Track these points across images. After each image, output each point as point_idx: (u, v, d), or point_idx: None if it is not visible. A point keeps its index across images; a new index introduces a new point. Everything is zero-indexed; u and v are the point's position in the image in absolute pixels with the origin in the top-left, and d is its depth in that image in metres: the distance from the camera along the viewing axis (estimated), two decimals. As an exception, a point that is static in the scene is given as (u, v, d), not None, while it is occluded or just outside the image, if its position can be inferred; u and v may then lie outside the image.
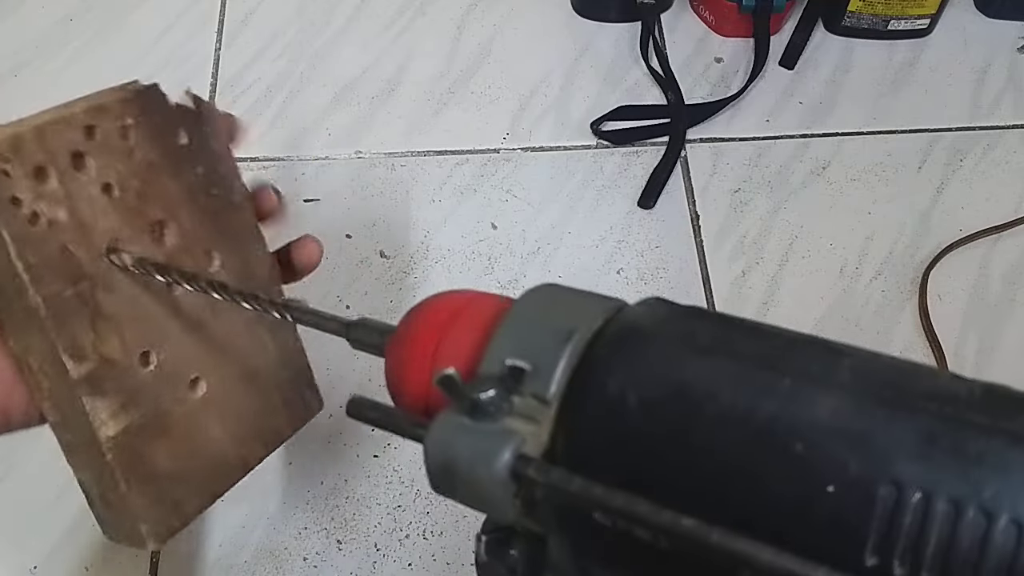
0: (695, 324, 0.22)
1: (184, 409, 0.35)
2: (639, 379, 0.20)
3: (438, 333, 0.25)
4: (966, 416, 0.18)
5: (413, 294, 0.61)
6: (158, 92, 0.34)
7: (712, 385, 0.20)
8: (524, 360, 0.21)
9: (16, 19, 0.75)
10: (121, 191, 0.32)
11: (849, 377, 0.19)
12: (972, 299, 0.61)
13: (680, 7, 0.77)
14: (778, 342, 0.21)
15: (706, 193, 0.66)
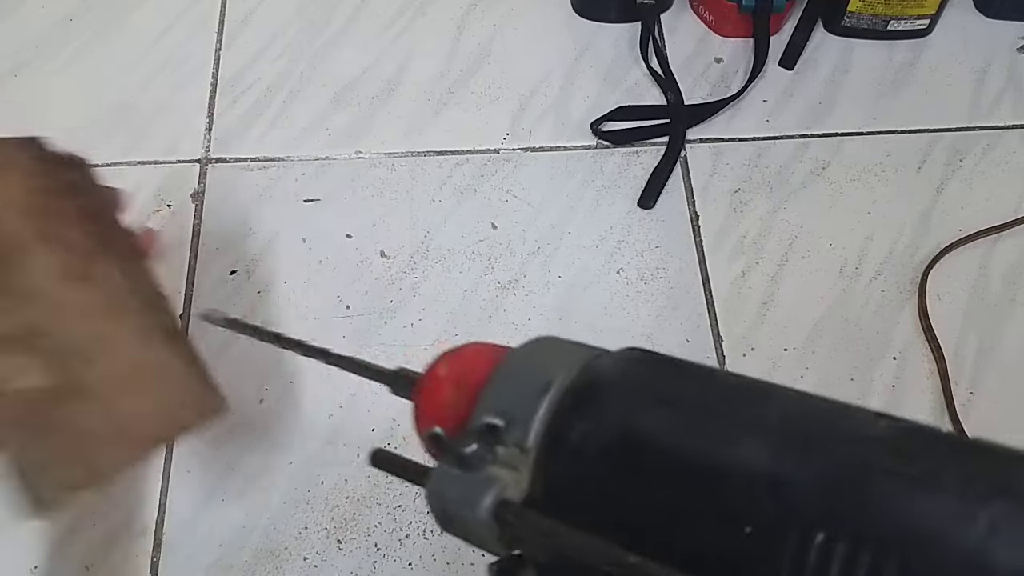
0: (651, 375, 0.25)
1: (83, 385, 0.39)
2: (596, 427, 0.23)
3: (447, 391, 0.28)
4: (873, 460, 0.19)
5: (413, 294, 0.61)
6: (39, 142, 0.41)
7: (655, 433, 0.22)
8: (507, 412, 0.24)
9: (16, 19, 0.75)
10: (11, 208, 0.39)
11: (776, 422, 0.21)
12: (972, 299, 0.61)
13: (680, 7, 0.77)
14: (721, 389, 0.24)
15: (706, 193, 0.66)
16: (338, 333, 0.59)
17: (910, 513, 0.18)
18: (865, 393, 0.57)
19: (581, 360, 0.25)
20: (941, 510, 0.18)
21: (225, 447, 0.55)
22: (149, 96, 0.71)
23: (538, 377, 0.25)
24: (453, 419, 0.27)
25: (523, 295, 0.61)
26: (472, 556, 0.52)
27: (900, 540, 0.18)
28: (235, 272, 0.62)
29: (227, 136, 0.69)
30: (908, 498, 0.18)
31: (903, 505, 0.18)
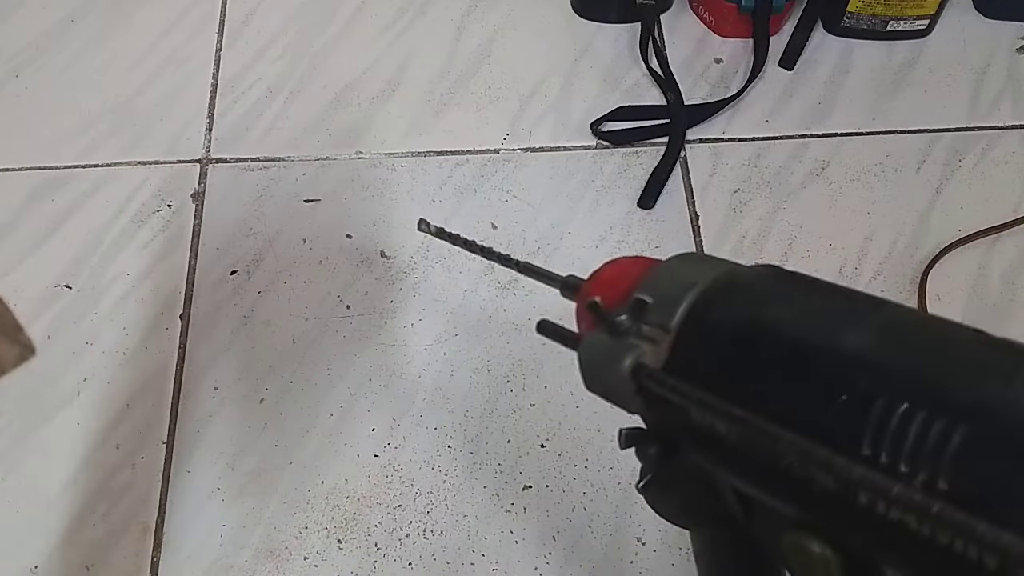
0: (780, 281, 0.28)
1: None
2: (728, 316, 0.27)
3: (609, 286, 0.32)
4: (955, 353, 0.23)
5: (413, 294, 0.61)
6: None
7: (776, 321, 0.26)
8: (656, 296, 0.29)
9: (17, 19, 0.75)
10: None
11: (879, 321, 0.25)
12: (971, 299, 0.62)
13: (680, 7, 0.77)
14: (842, 296, 0.27)
15: (706, 193, 0.66)
16: (338, 333, 0.59)
17: (982, 391, 0.21)
18: (865, 393, 0.57)
19: (723, 268, 0.29)
20: (1008, 391, 0.21)
21: (225, 447, 0.56)
22: (149, 96, 0.71)
23: (687, 276, 0.29)
24: (610, 303, 0.31)
25: (523, 295, 0.61)
26: (472, 556, 0.52)
27: (970, 412, 0.21)
28: (235, 272, 0.62)
29: (227, 136, 0.69)
30: (980, 379, 0.21)
31: (975, 384, 0.21)
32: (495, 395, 0.57)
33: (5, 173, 0.66)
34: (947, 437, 0.21)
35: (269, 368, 0.58)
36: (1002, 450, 0.20)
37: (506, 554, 0.52)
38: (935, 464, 0.21)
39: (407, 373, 0.58)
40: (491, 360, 0.59)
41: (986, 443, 0.20)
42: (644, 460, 0.30)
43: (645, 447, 0.30)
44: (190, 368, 0.58)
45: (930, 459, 0.21)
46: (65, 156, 0.67)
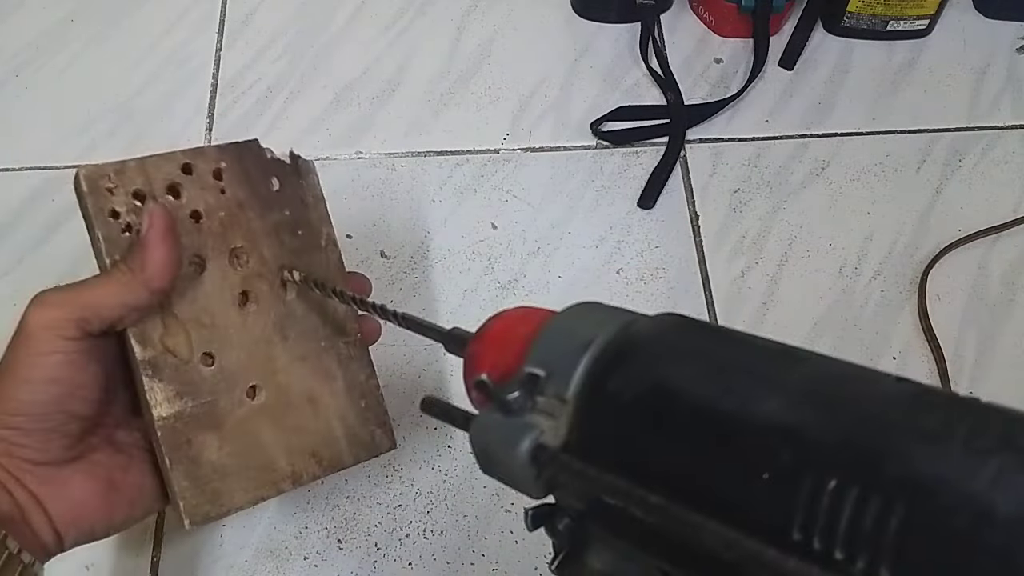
0: (685, 335, 0.27)
1: (240, 411, 0.39)
2: (630, 380, 0.25)
3: (496, 347, 0.31)
4: (886, 413, 0.21)
5: (413, 294, 0.61)
6: (256, 145, 0.41)
7: (683, 385, 0.24)
8: (549, 365, 0.27)
9: (16, 19, 0.75)
10: (207, 219, 0.39)
11: (799, 381, 0.23)
12: (971, 299, 0.62)
13: (680, 7, 0.77)
14: (751, 349, 0.25)
15: (706, 193, 0.66)
16: (338, 333, 0.59)
17: (918, 462, 0.19)
18: (865, 393, 0.57)
19: (621, 322, 0.27)
20: (948, 460, 0.19)
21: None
22: (149, 96, 0.71)
23: (580, 335, 0.27)
24: (499, 372, 0.29)
25: (523, 295, 0.61)
26: (472, 556, 0.52)
27: (908, 487, 0.19)
28: (235, 272, 0.62)
29: (227, 136, 0.68)
30: (917, 448, 0.19)
31: (912, 454, 0.19)
32: (495, 395, 0.57)
33: (5, 173, 0.66)
34: (884, 518, 0.18)
35: (269, 368, 0.58)
36: (944, 532, 0.18)
37: (506, 554, 0.52)
38: (874, 549, 0.18)
39: (407, 373, 0.58)
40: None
41: (926, 524, 0.18)
42: (556, 537, 0.28)
43: (555, 523, 0.27)
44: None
45: (868, 544, 0.19)
46: (65, 156, 0.67)
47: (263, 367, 0.40)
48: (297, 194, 0.42)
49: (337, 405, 0.42)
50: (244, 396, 0.39)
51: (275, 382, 0.40)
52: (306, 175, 0.43)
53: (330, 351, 0.42)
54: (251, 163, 0.40)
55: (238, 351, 0.39)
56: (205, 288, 0.38)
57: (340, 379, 0.43)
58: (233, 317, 0.39)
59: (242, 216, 0.40)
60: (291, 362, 0.41)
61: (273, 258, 0.41)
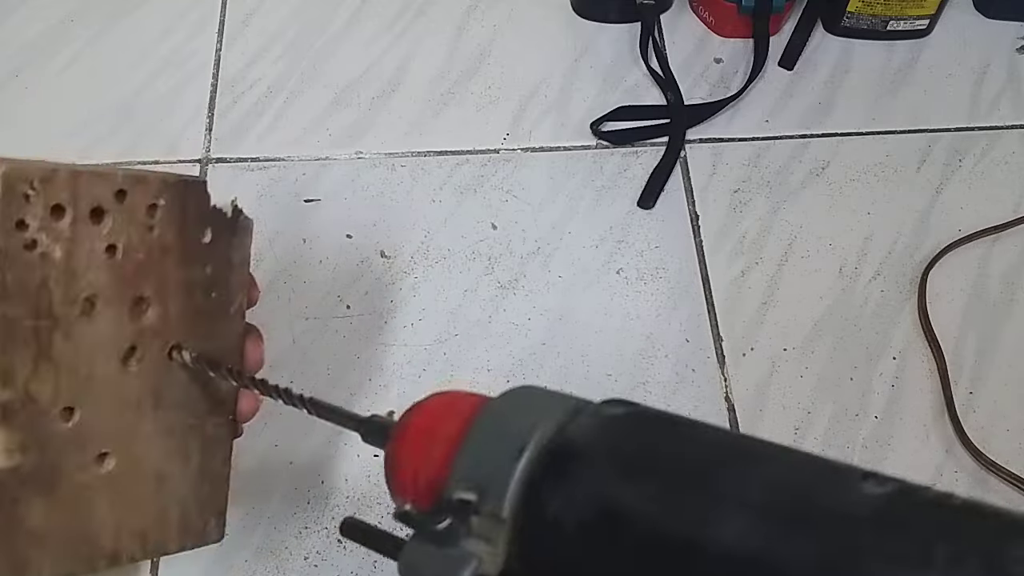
0: (629, 437, 0.24)
1: (82, 477, 0.34)
2: (573, 501, 0.22)
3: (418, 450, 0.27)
4: (857, 538, 0.18)
5: (413, 294, 0.61)
6: (202, 188, 0.36)
7: (634, 507, 0.21)
8: (480, 482, 0.24)
9: (16, 19, 0.75)
10: (123, 257, 0.33)
11: (757, 496, 0.20)
12: (971, 299, 0.62)
13: (680, 7, 0.77)
14: (701, 454, 0.23)
15: (706, 193, 0.66)
16: (338, 333, 0.59)
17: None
18: (865, 393, 0.58)
19: (557, 417, 0.24)
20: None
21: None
22: (149, 96, 0.71)
23: (512, 439, 0.24)
24: (425, 479, 0.26)
25: (523, 295, 0.61)
26: (472, 556, 0.52)
27: None
28: (235, 272, 0.62)
29: (227, 136, 0.69)
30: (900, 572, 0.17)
31: None
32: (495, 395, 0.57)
33: (5, 173, 0.66)
34: None
35: (269, 368, 0.58)
36: None
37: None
38: None
39: (407, 373, 0.58)
40: (491, 360, 0.59)
41: None
42: None
43: None
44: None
45: None
46: (65, 156, 0.66)
47: (123, 434, 0.35)
48: (226, 252, 0.37)
49: (182, 488, 0.38)
50: (92, 462, 0.34)
51: (130, 452, 0.35)
52: (242, 234, 0.38)
53: (197, 429, 0.38)
54: (191, 206, 0.35)
55: (103, 412, 0.34)
56: (95, 334, 0.33)
57: (196, 461, 0.38)
58: (112, 373, 0.34)
59: (161, 263, 0.34)
60: (155, 434, 0.36)
61: (176, 317, 0.36)
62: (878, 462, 0.55)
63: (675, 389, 0.58)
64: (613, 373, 0.58)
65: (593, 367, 0.58)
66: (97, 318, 0.33)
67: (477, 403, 0.27)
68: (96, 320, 0.33)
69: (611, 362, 0.59)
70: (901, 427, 0.56)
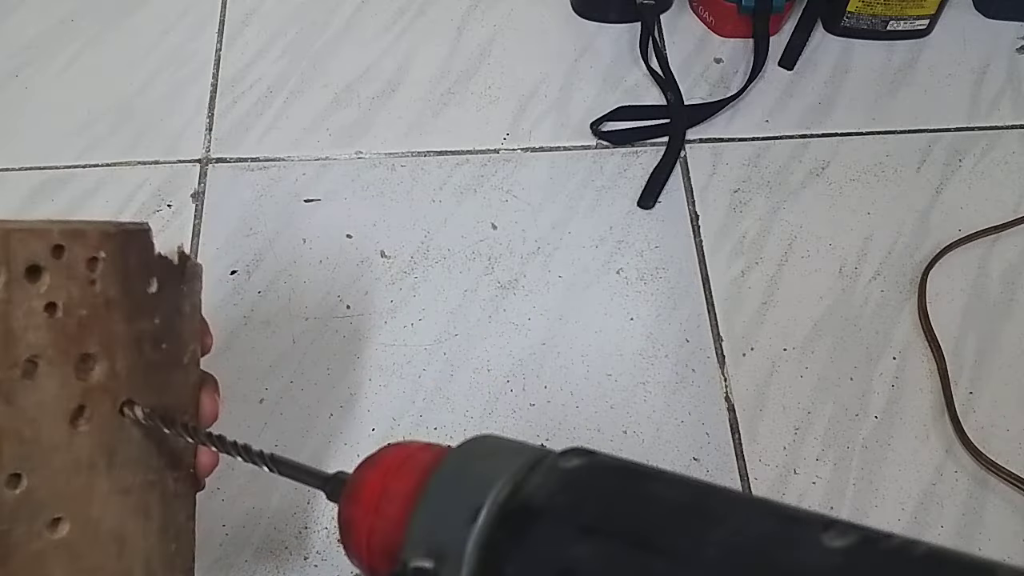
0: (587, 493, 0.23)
1: (34, 546, 0.32)
2: (530, 566, 0.21)
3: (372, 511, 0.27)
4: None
5: (413, 294, 0.61)
6: (145, 236, 0.34)
7: (592, 571, 0.21)
8: (437, 548, 0.23)
9: (16, 19, 0.75)
10: (64, 314, 0.31)
11: (716, 555, 0.20)
12: (971, 299, 0.62)
13: (680, 7, 0.77)
14: (659, 510, 0.22)
15: (706, 193, 0.66)
16: (338, 333, 0.59)
17: None
18: (865, 393, 0.58)
19: (514, 472, 0.24)
20: None
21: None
22: (149, 96, 0.71)
23: (467, 500, 0.23)
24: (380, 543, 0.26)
25: (523, 295, 0.61)
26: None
27: None
28: (235, 272, 0.62)
29: (227, 136, 0.69)
30: None
31: None
32: (495, 395, 0.57)
33: (5, 173, 0.66)
34: None
35: (269, 368, 0.58)
36: None
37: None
38: None
39: (407, 373, 0.58)
40: (491, 360, 0.59)
41: None
42: None
43: None
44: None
45: None
46: (65, 156, 0.67)
47: (78, 498, 0.33)
48: (174, 301, 0.36)
49: (146, 547, 0.36)
50: (45, 528, 0.32)
51: (85, 516, 0.33)
52: (191, 280, 0.36)
53: (156, 486, 0.36)
54: (134, 257, 0.33)
55: (54, 476, 0.32)
56: (39, 396, 0.31)
57: (157, 519, 0.36)
58: (60, 435, 0.32)
59: (106, 318, 0.32)
60: (110, 495, 0.34)
61: (126, 373, 0.34)
62: (878, 462, 0.55)
63: (675, 389, 0.58)
64: (613, 373, 0.58)
65: (593, 367, 0.58)
66: (40, 380, 0.31)
67: (431, 458, 0.26)
68: (39, 382, 0.31)
69: (611, 362, 0.59)
70: (901, 427, 0.56)
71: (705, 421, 0.56)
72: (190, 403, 0.37)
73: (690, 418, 0.57)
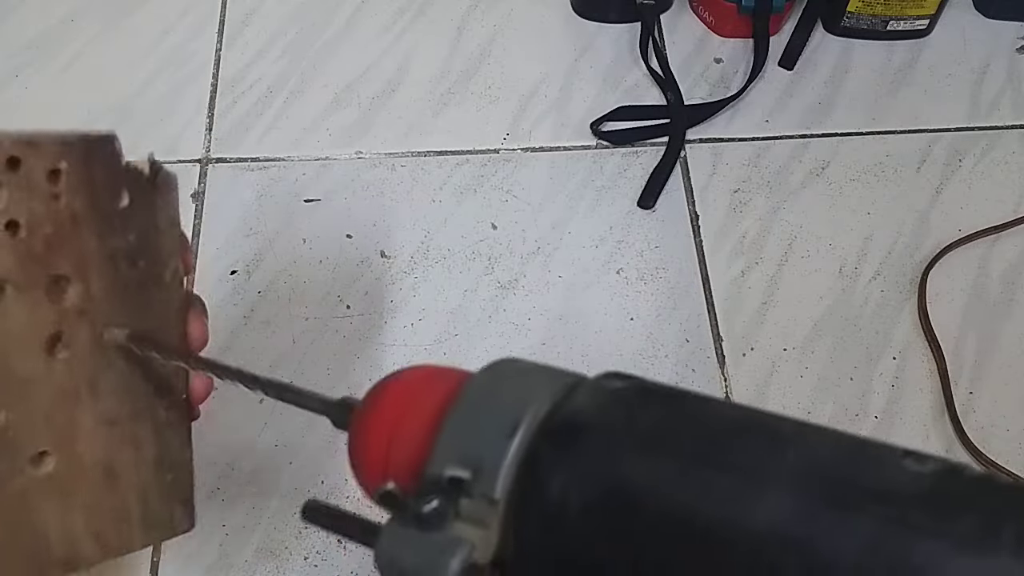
0: (638, 410, 0.21)
1: (18, 482, 0.30)
2: (579, 479, 0.20)
3: (392, 422, 0.24)
4: (908, 518, 0.17)
5: (413, 294, 0.61)
6: (110, 145, 0.31)
7: (650, 485, 0.19)
8: (470, 460, 0.21)
9: (16, 19, 0.75)
10: (28, 233, 0.29)
11: (791, 472, 0.18)
12: (971, 299, 0.62)
13: (680, 7, 0.77)
14: (721, 428, 0.20)
15: (706, 193, 0.66)
16: (338, 333, 0.59)
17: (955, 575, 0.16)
18: (865, 392, 0.58)
19: (553, 391, 0.22)
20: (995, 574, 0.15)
21: (225, 447, 0.56)
22: (149, 96, 0.71)
23: (504, 414, 0.21)
24: (401, 456, 0.24)
25: (523, 295, 0.61)
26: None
27: None
28: (235, 272, 0.62)
29: (227, 136, 0.69)
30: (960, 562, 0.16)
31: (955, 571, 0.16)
32: (495, 395, 0.57)
33: (5, 173, 0.66)
34: None
35: (269, 368, 0.58)
36: None
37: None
38: None
39: (407, 373, 0.58)
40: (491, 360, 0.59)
41: None
42: None
43: None
44: (190, 368, 0.58)
45: None
46: (65, 156, 0.67)
47: (61, 431, 0.31)
48: (149, 215, 0.33)
49: (139, 480, 0.34)
50: (28, 464, 0.30)
51: (71, 450, 0.31)
52: (166, 192, 0.34)
53: (146, 415, 0.34)
54: (100, 168, 0.31)
55: (34, 408, 0.30)
56: (9, 324, 0.28)
57: (150, 449, 0.34)
58: (36, 365, 0.30)
59: (75, 235, 0.30)
60: (96, 427, 0.32)
61: (102, 294, 0.31)
62: (878, 462, 0.55)
63: (675, 389, 0.58)
64: (613, 373, 0.58)
65: (593, 367, 0.58)
66: (9, 306, 0.28)
67: (457, 377, 0.24)
68: (9, 308, 0.28)
69: (611, 362, 0.59)
70: (901, 427, 0.56)
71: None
72: (176, 326, 0.35)
73: (690, 418, 0.56)
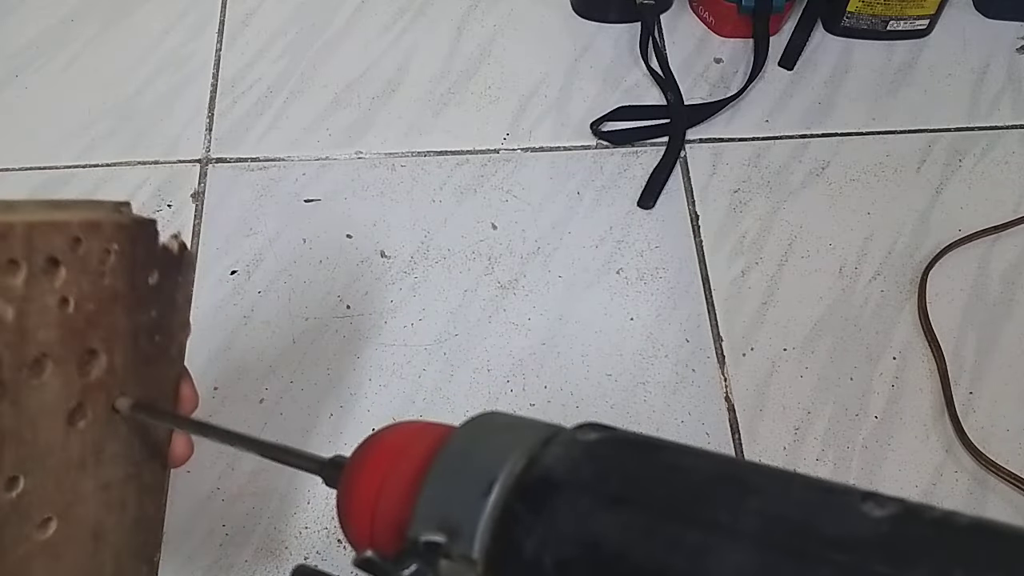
0: (611, 463, 0.22)
1: (23, 548, 0.30)
2: (552, 538, 0.20)
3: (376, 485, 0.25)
4: (867, 567, 0.17)
5: (413, 294, 0.61)
6: (152, 228, 0.33)
7: (620, 542, 0.19)
8: (448, 522, 0.22)
9: (16, 19, 0.75)
10: (75, 310, 0.30)
11: (756, 525, 0.19)
12: (971, 299, 0.62)
13: (680, 7, 0.77)
14: (691, 481, 0.21)
15: (706, 193, 0.66)
16: (338, 333, 0.60)
17: None
18: (865, 393, 0.58)
19: (529, 446, 0.22)
20: None
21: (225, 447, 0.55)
22: (149, 96, 0.71)
23: (480, 473, 0.22)
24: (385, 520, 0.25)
25: (523, 295, 0.61)
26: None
27: None
28: (235, 272, 0.62)
29: (227, 136, 0.69)
30: None
31: None
32: (495, 395, 0.57)
33: (5, 173, 0.66)
34: None
35: (269, 368, 0.58)
36: None
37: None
38: None
39: (407, 373, 0.58)
40: (491, 360, 0.59)
41: None
42: None
43: None
44: (190, 368, 0.58)
45: None
46: (65, 156, 0.67)
47: (66, 496, 0.32)
48: (171, 293, 0.35)
49: (117, 542, 0.35)
50: (34, 530, 0.31)
51: (71, 514, 0.32)
52: (187, 271, 0.36)
53: (134, 479, 0.35)
54: (142, 249, 0.32)
55: (49, 477, 0.31)
56: (42, 396, 0.29)
57: (131, 512, 0.35)
58: (58, 435, 0.30)
59: (111, 312, 0.31)
60: (94, 491, 0.33)
61: (122, 368, 0.32)
62: (878, 462, 0.55)
63: (675, 389, 0.58)
64: (613, 373, 0.58)
65: (593, 367, 0.58)
66: (46, 379, 0.29)
67: (438, 435, 0.25)
68: (46, 381, 0.29)
69: (611, 362, 0.59)
70: (901, 427, 0.56)
71: (705, 421, 0.56)
72: (171, 393, 0.37)
73: (690, 418, 0.57)
